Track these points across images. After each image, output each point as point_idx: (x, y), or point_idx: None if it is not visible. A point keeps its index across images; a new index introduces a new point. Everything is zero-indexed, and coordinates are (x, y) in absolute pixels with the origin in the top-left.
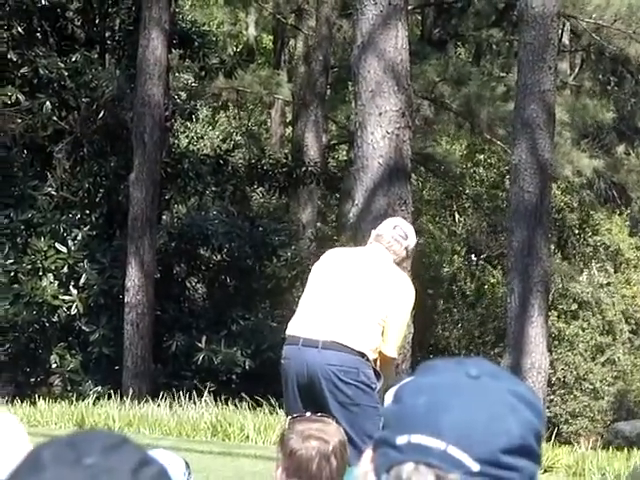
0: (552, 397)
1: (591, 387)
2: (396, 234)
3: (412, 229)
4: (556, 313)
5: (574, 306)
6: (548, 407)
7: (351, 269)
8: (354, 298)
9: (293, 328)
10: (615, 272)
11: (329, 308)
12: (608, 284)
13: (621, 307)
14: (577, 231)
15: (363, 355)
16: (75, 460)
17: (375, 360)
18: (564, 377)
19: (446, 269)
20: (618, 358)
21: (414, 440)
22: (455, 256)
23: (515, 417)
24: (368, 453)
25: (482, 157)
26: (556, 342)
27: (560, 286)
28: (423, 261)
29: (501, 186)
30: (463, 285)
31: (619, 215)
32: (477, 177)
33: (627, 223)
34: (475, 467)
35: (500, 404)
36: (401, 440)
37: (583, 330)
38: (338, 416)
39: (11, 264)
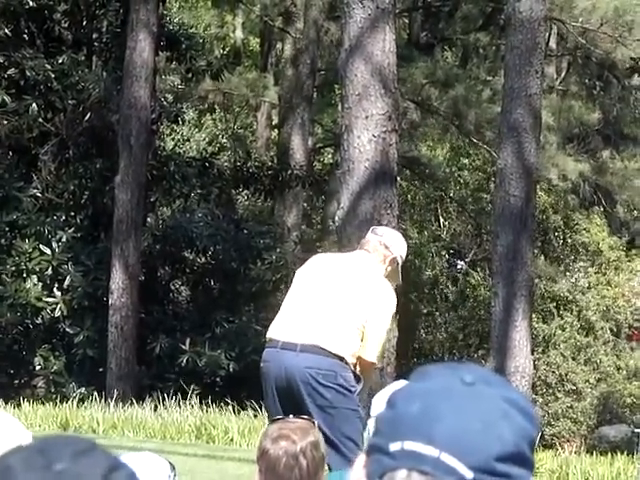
0: (534, 397)
1: (574, 388)
2: (373, 234)
3: (396, 233)
4: (535, 314)
5: (553, 305)
6: None
7: (333, 274)
8: (334, 303)
9: (273, 331)
10: (596, 273)
11: (309, 312)
12: (589, 285)
13: (602, 308)
14: (558, 232)
15: (342, 358)
16: (45, 466)
17: (354, 364)
18: (546, 377)
19: (427, 272)
20: (600, 360)
21: (407, 447)
22: (437, 259)
23: (508, 424)
24: (361, 459)
25: (467, 161)
26: (539, 342)
27: (541, 287)
28: (406, 264)
29: (486, 188)
30: (445, 288)
31: (596, 214)
32: (461, 180)
33: (604, 221)
34: (468, 474)
35: (494, 411)
36: (394, 447)
37: (563, 330)
38: (317, 419)
39: None
